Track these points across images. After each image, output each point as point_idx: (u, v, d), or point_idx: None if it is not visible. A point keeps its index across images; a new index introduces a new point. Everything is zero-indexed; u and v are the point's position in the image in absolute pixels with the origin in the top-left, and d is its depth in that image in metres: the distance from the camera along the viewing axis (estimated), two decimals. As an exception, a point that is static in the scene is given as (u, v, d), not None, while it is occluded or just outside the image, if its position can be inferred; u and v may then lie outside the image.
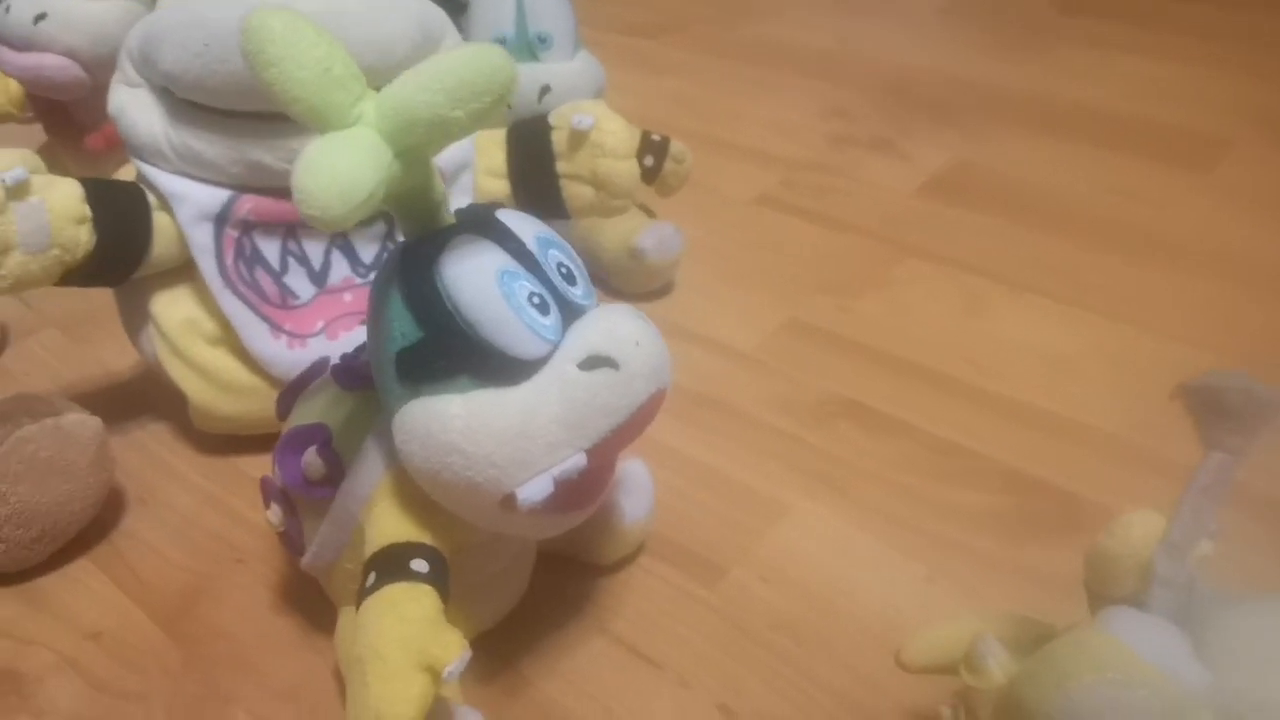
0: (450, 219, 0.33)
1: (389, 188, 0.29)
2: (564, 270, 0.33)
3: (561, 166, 0.51)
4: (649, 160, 0.62)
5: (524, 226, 0.33)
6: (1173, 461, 0.49)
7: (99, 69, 0.67)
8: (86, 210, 0.44)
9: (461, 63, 0.28)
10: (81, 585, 0.45)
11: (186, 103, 0.45)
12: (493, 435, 0.30)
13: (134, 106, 0.46)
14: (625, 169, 0.51)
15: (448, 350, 0.31)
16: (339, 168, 0.27)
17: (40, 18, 0.64)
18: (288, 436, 0.37)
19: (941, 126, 0.87)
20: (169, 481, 0.50)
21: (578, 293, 0.33)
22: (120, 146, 0.70)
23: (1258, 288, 0.63)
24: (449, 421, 0.31)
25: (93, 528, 0.46)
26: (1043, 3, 1.15)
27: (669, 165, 0.63)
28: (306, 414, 0.38)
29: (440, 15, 0.48)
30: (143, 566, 0.46)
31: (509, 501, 0.31)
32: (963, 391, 0.56)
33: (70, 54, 0.65)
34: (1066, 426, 0.53)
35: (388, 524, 0.34)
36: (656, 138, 0.64)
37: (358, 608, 0.32)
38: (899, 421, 0.53)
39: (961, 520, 0.47)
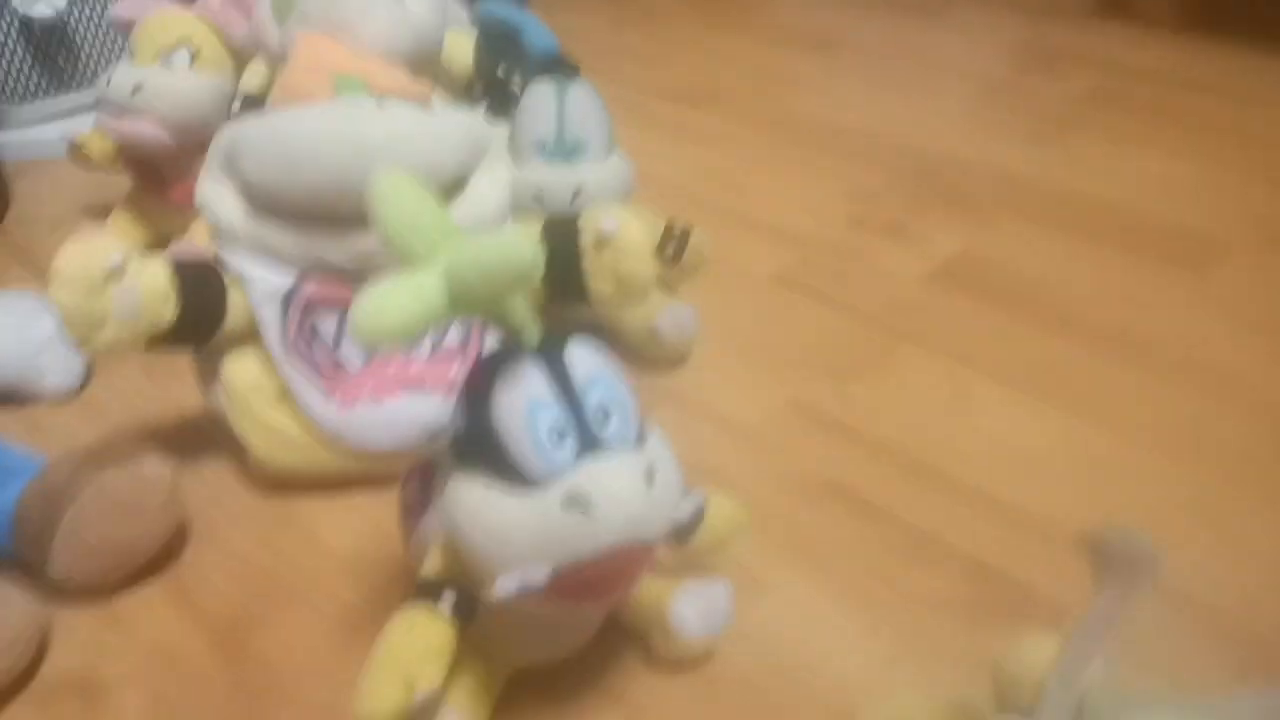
0: (533, 331, 0.39)
1: (447, 314, 0.36)
2: (601, 411, 0.38)
3: (587, 264, 0.57)
4: (669, 249, 0.69)
5: (582, 364, 0.39)
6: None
7: (181, 133, 0.75)
8: (171, 290, 0.51)
9: (498, 251, 0.34)
10: (150, 608, 0.52)
11: (264, 202, 0.52)
12: (483, 529, 0.38)
13: (218, 199, 0.53)
14: (642, 270, 0.57)
15: (478, 445, 0.38)
16: (387, 309, 0.34)
17: (136, 89, 0.73)
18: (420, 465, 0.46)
19: (957, 213, 0.92)
20: (230, 519, 0.57)
21: (608, 432, 0.38)
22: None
23: (1231, 401, 0.68)
24: (461, 501, 0.38)
25: (162, 556, 0.53)
26: (1073, 93, 1.19)
27: (688, 256, 0.69)
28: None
29: (487, 132, 0.55)
30: (202, 596, 0.53)
31: (491, 584, 0.38)
32: (942, 483, 0.61)
33: (159, 120, 0.74)
34: (1032, 521, 0.58)
35: (438, 558, 0.42)
36: (679, 230, 0.70)
37: None
38: (881, 508, 0.59)
39: (926, 607, 0.53)
